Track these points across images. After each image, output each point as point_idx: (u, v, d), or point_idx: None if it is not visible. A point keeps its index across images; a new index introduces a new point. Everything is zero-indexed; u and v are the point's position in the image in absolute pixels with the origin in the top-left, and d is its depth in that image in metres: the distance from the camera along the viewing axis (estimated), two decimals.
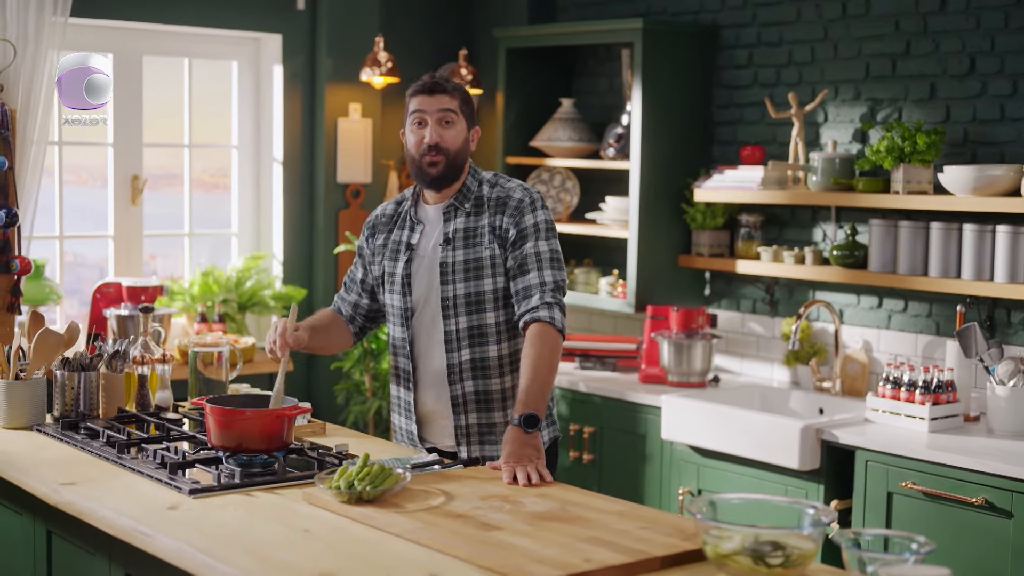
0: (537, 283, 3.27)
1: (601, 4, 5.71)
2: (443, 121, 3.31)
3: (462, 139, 3.34)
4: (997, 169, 4.21)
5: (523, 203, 3.32)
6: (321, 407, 5.64)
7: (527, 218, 3.31)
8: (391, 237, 3.45)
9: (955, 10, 4.50)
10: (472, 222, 3.34)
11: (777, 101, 5.03)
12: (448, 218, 3.36)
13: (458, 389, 3.34)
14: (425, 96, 3.32)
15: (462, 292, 3.31)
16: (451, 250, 3.32)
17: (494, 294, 3.31)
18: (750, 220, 5.07)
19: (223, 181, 5.83)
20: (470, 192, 3.37)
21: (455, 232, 3.34)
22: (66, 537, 3.07)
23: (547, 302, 3.24)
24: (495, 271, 3.31)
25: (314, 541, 2.53)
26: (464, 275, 3.31)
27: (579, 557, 2.39)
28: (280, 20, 5.66)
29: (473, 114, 3.39)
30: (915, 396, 4.20)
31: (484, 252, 3.31)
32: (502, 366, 3.35)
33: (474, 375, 3.33)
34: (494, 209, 3.34)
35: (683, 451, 4.63)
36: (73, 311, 5.42)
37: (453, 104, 3.32)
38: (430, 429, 3.41)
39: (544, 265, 3.29)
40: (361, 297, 3.55)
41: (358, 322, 3.58)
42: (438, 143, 3.30)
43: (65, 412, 3.59)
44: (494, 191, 3.37)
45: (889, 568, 2.12)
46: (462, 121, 3.34)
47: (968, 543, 3.81)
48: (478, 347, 3.32)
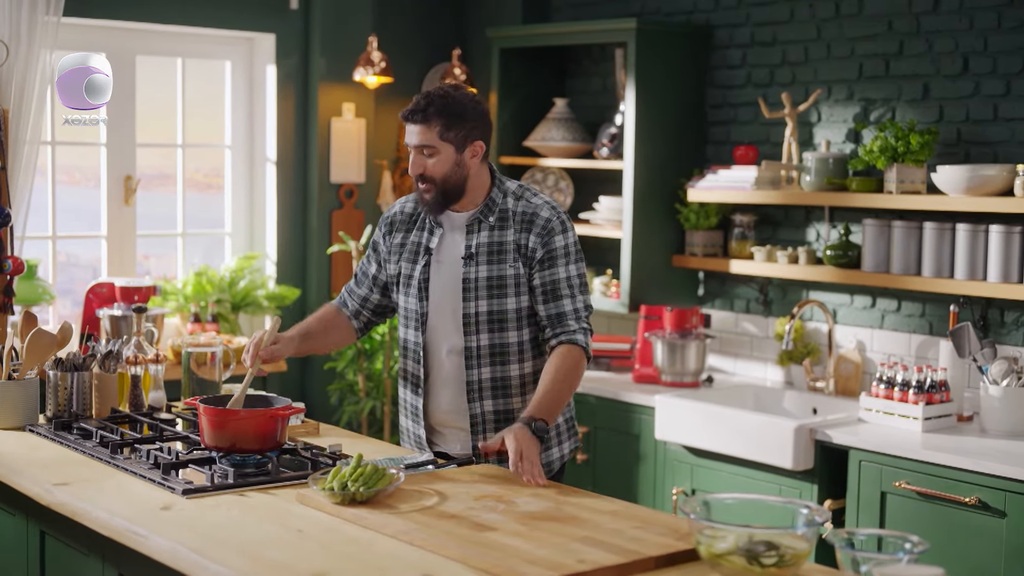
0: (571, 310, 3.24)
1: (595, 4, 5.71)
2: (422, 152, 3.23)
3: (449, 165, 3.22)
4: (990, 169, 4.22)
5: (551, 223, 3.26)
6: (315, 407, 5.63)
7: (556, 239, 3.26)
8: (409, 237, 3.38)
9: (948, 10, 4.50)
10: (496, 237, 3.27)
11: (771, 101, 5.04)
12: (471, 231, 3.29)
13: (477, 408, 3.29)
14: (407, 125, 3.24)
15: (484, 309, 3.26)
16: (474, 266, 3.26)
17: (517, 313, 3.27)
18: (744, 220, 5.07)
19: (216, 181, 5.82)
20: (495, 205, 3.29)
21: (478, 247, 3.27)
22: (59, 538, 3.07)
23: (583, 327, 3.24)
24: (519, 290, 3.26)
25: (307, 542, 2.52)
26: (487, 292, 3.25)
27: (573, 558, 2.39)
28: (273, 20, 5.65)
29: (466, 132, 3.23)
30: (908, 396, 4.20)
31: (508, 270, 3.25)
32: (523, 385, 3.30)
33: (494, 394, 3.29)
34: (519, 226, 3.26)
35: (677, 451, 4.63)
36: (66, 311, 5.41)
37: (429, 136, 3.20)
38: (443, 438, 3.37)
39: (575, 292, 3.27)
40: (372, 292, 3.49)
41: (364, 317, 3.52)
42: (421, 173, 3.24)
43: (58, 412, 3.58)
44: (519, 204, 3.29)
45: (883, 568, 2.12)
46: (446, 147, 3.21)
47: (962, 543, 3.82)
48: (499, 366, 3.28)
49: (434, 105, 3.21)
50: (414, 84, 6.06)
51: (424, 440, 3.37)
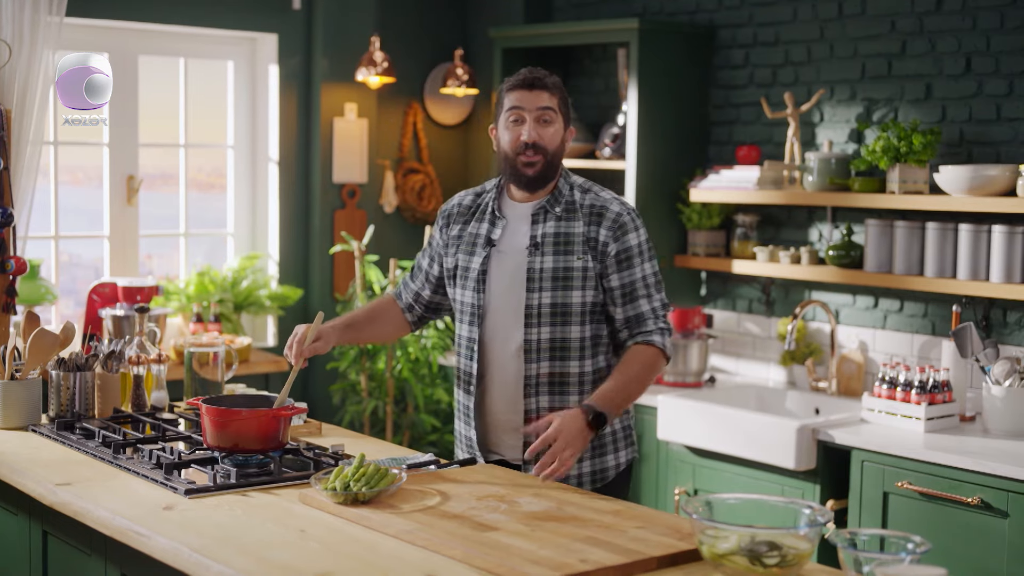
0: (650, 310, 3.17)
1: (597, 4, 5.71)
2: (541, 119, 3.17)
3: (559, 139, 3.20)
4: (993, 169, 4.22)
5: (623, 218, 3.18)
6: (317, 407, 5.63)
7: (631, 237, 3.18)
8: (467, 229, 3.29)
9: (951, 10, 4.50)
10: (563, 228, 3.19)
11: (773, 101, 5.04)
12: (537, 220, 3.20)
13: (533, 403, 3.19)
14: (523, 92, 3.18)
15: (548, 301, 3.16)
16: (539, 256, 3.17)
17: (581, 307, 3.17)
18: (746, 220, 5.07)
19: (219, 181, 5.82)
20: (561, 196, 3.22)
21: (544, 237, 3.18)
22: (62, 538, 3.07)
23: (661, 328, 3.17)
24: (585, 283, 3.16)
25: (310, 542, 2.52)
26: (552, 283, 3.16)
27: (575, 557, 2.39)
28: (276, 20, 5.66)
29: (569, 114, 3.25)
30: (911, 396, 4.20)
31: (575, 262, 3.16)
32: (582, 383, 3.20)
33: (551, 390, 3.19)
34: (588, 218, 3.18)
35: (679, 451, 4.63)
36: (69, 311, 5.41)
37: (552, 102, 3.18)
38: (496, 439, 3.26)
39: (652, 291, 3.19)
40: (424, 288, 3.42)
41: (417, 311, 3.46)
42: (536, 142, 3.15)
43: (61, 412, 3.58)
44: (587, 198, 3.22)
45: (885, 568, 2.12)
46: (560, 120, 3.20)
47: (964, 543, 3.81)
48: (558, 361, 3.18)
49: (551, 78, 3.21)
50: (416, 84, 6.07)
51: (475, 442, 3.27)
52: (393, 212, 6.03)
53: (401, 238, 6.03)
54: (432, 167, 6.13)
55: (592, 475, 3.24)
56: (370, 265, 5.46)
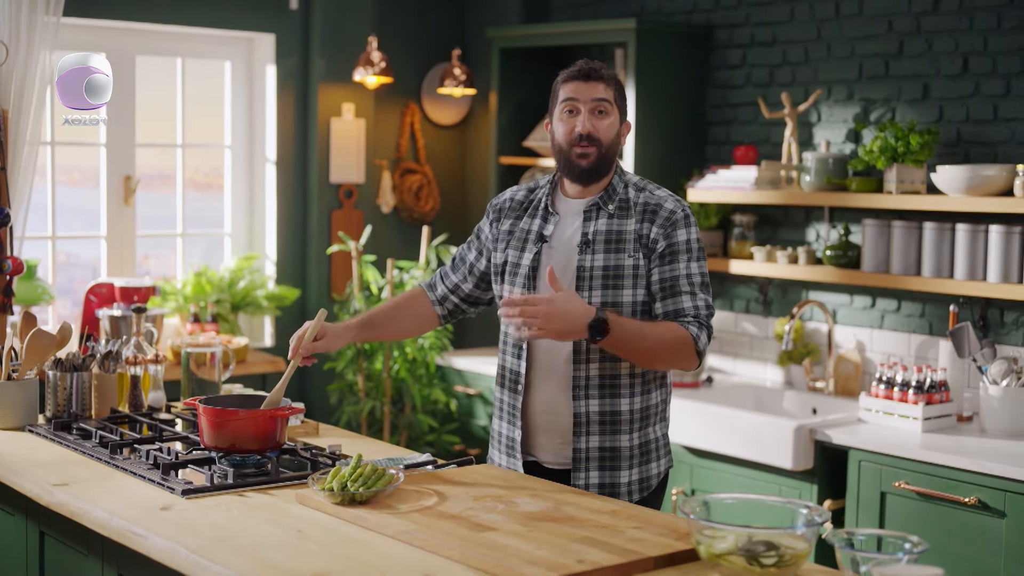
0: (690, 306, 3.06)
1: (594, 4, 5.71)
2: (597, 111, 3.10)
3: (615, 131, 3.13)
4: (990, 169, 4.22)
5: (675, 215, 3.09)
6: (314, 407, 5.63)
7: (680, 233, 3.09)
8: (519, 224, 3.22)
9: (948, 10, 4.50)
10: (616, 225, 3.11)
11: (770, 101, 5.04)
12: (589, 217, 3.13)
13: (582, 407, 3.10)
14: (579, 83, 3.13)
15: (598, 301, 3.07)
16: (590, 254, 3.10)
17: (632, 307, 3.08)
18: (743, 220, 5.07)
19: (216, 181, 5.82)
20: (615, 193, 3.15)
21: (596, 234, 3.11)
22: (59, 538, 3.07)
23: (701, 323, 3.05)
24: (636, 282, 3.08)
25: (307, 542, 2.52)
26: (603, 282, 3.08)
27: (572, 558, 2.38)
28: (273, 20, 5.65)
29: (625, 107, 3.19)
30: (908, 396, 4.20)
31: (626, 260, 3.08)
32: (633, 386, 3.11)
33: (601, 393, 3.09)
34: (641, 216, 3.10)
35: (677, 451, 4.63)
36: (66, 311, 5.41)
37: (608, 94, 3.11)
38: (539, 443, 3.17)
39: (696, 289, 3.08)
40: (466, 280, 3.36)
41: (450, 303, 3.38)
42: (591, 133, 3.09)
43: (57, 413, 3.58)
44: (641, 196, 3.13)
45: (882, 568, 2.12)
46: (616, 113, 3.13)
47: (961, 543, 3.82)
48: (609, 362, 3.08)
49: (608, 72, 3.16)
50: (414, 84, 6.07)
51: (518, 443, 3.18)
52: (390, 212, 6.02)
53: (398, 238, 6.03)
54: (429, 167, 6.13)
55: (640, 483, 3.16)
56: (367, 265, 5.46)
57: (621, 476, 3.13)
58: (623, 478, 3.13)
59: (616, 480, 3.13)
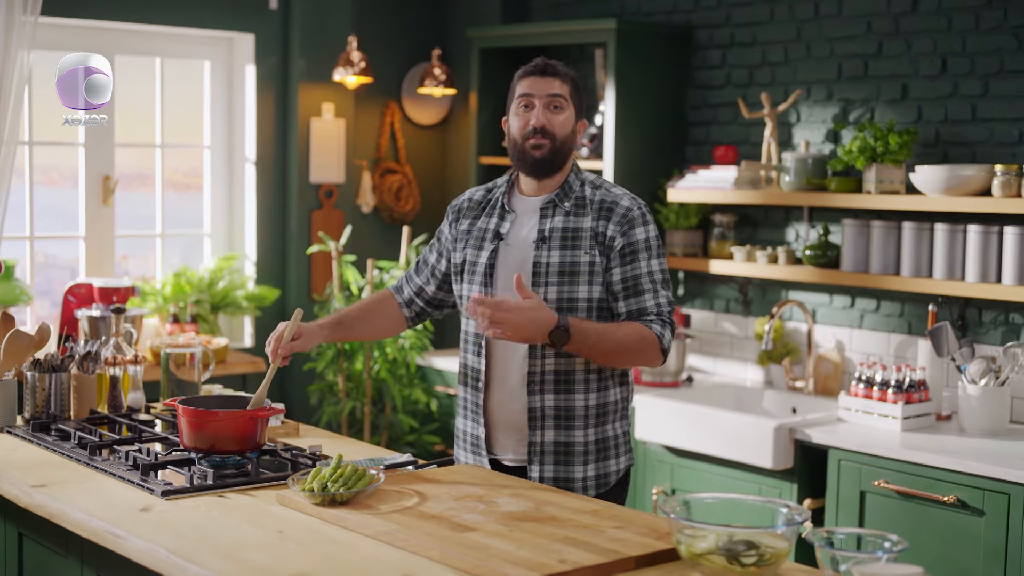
0: (653, 304, 3.10)
1: (574, 4, 5.71)
2: (551, 106, 3.13)
3: (569, 127, 3.16)
4: (968, 169, 4.24)
5: (632, 213, 3.12)
6: (294, 408, 5.62)
7: (638, 232, 3.12)
8: (477, 224, 3.25)
9: (927, 11, 4.52)
10: (572, 222, 3.14)
11: (750, 101, 5.05)
12: (545, 214, 3.16)
13: (537, 401, 3.13)
14: (535, 79, 3.14)
15: (554, 297, 3.09)
16: (546, 250, 3.12)
17: (587, 303, 3.10)
18: (723, 220, 5.08)
19: (195, 181, 5.80)
20: (571, 190, 3.17)
21: (552, 231, 3.14)
22: (37, 540, 3.05)
23: (663, 321, 3.09)
24: (592, 278, 3.11)
25: (288, 543, 2.52)
26: (559, 279, 3.10)
27: (554, 558, 2.38)
28: (253, 20, 5.64)
29: (583, 105, 3.22)
30: (887, 395, 4.22)
31: (582, 257, 3.11)
32: (588, 382, 3.14)
33: (556, 388, 3.12)
34: (597, 213, 3.13)
35: (657, 451, 4.64)
36: (44, 312, 5.38)
37: (563, 90, 3.14)
38: (499, 440, 3.20)
39: (658, 287, 3.11)
40: (429, 283, 3.38)
41: (416, 306, 3.41)
42: (544, 126, 3.12)
43: (36, 414, 3.56)
44: (598, 193, 3.17)
45: (862, 567, 2.12)
46: (571, 108, 3.16)
47: (940, 542, 3.83)
48: (564, 358, 3.11)
49: (564, 67, 3.18)
50: (394, 84, 6.06)
51: (483, 441, 3.20)
52: (370, 212, 6.02)
53: (379, 238, 6.02)
54: (410, 167, 6.13)
55: (597, 479, 3.18)
56: (347, 265, 5.45)
57: (576, 471, 3.15)
58: (578, 473, 3.16)
59: (571, 475, 3.15)
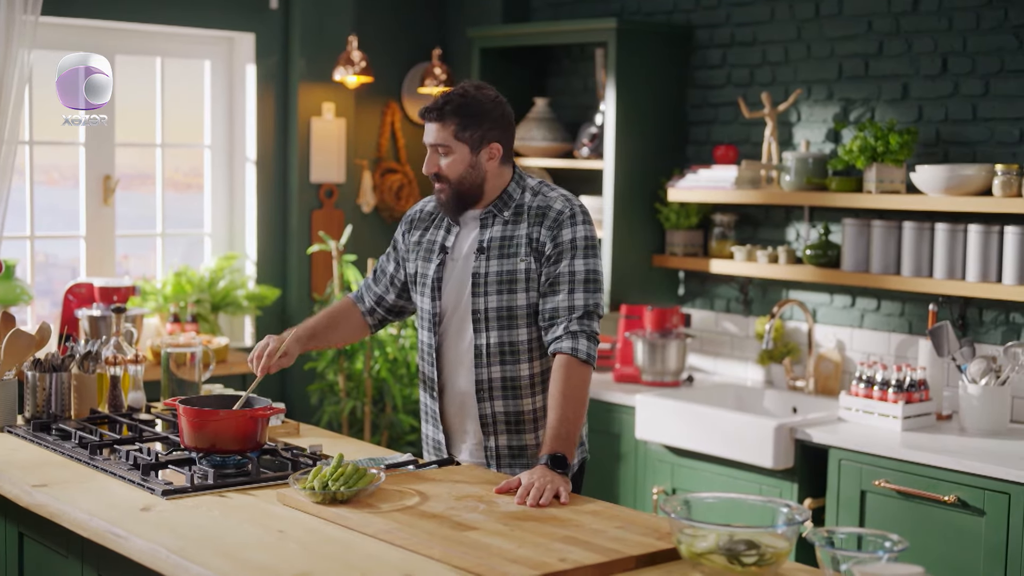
0: (565, 307, 3.09)
1: (575, 4, 5.71)
2: (438, 150, 3.16)
3: (463, 166, 3.14)
4: (969, 169, 4.24)
5: (562, 215, 3.14)
6: (295, 407, 5.62)
7: (565, 232, 3.13)
8: (426, 236, 3.29)
9: (927, 11, 4.52)
10: (509, 231, 3.17)
11: (751, 101, 5.05)
12: (485, 225, 3.20)
13: (487, 408, 3.19)
14: (426, 124, 3.18)
15: (494, 305, 3.15)
16: (485, 260, 3.16)
17: (527, 309, 3.14)
18: (724, 220, 5.08)
19: (196, 181, 5.80)
20: (511, 200, 3.20)
21: (490, 241, 3.17)
22: (38, 539, 3.05)
23: (571, 331, 3.07)
24: (529, 285, 3.13)
25: (288, 542, 2.52)
26: (497, 288, 3.14)
27: (554, 557, 2.39)
28: (253, 19, 5.64)
29: (483, 133, 3.14)
30: (888, 395, 4.22)
31: (519, 264, 3.14)
32: (533, 386, 3.19)
33: (504, 395, 3.19)
34: (533, 219, 3.16)
35: (657, 450, 4.64)
36: (45, 312, 5.38)
37: (444, 135, 3.13)
38: (457, 444, 3.28)
39: (576, 287, 3.10)
40: (388, 292, 3.41)
41: (378, 315, 3.44)
42: (437, 172, 3.17)
43: (37, 413, 3.56)
44: (536, 199, 3.18)
45: (863, 566, 2.13)
46: (461, 147, 3.14)
47: (941, 541, 3.83)
48: (509, 365, 3.17)
49: (451, 104, 3.14)
50: (394, 84, 6.06)
51: (443, 445, 3.28)
52: (371, 212, 6.02)
53: (379, 238, 6.02)
54: (410, 167, 6.13)
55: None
56: (348, 265, 5.45)
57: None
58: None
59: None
